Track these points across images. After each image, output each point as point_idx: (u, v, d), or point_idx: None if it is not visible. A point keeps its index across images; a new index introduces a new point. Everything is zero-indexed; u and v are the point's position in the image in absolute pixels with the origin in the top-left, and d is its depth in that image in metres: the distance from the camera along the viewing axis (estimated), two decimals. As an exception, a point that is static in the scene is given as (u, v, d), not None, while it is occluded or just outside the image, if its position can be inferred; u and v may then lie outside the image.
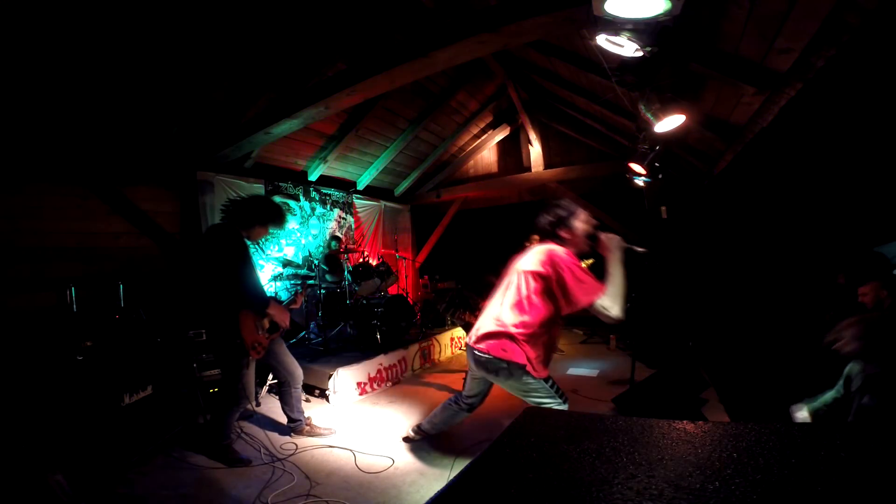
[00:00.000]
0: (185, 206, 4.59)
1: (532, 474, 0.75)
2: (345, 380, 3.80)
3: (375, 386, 4.13)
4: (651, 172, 4.14)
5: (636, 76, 2.36)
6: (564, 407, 2.17)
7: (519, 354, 2.10)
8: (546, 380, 2.17)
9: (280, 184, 5.67)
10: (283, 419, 3.06)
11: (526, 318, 2.08)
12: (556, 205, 2.22)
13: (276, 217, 2.76)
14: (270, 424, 3.25)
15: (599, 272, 2.04)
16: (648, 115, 2.84)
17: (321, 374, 3.84)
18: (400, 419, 3.37)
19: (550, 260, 2.02)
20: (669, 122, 2.86)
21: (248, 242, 2.64)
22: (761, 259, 4.38)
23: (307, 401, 3.75)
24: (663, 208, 5.29)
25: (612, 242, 2.07)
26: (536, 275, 2.06)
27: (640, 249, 2.13)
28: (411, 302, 5.75)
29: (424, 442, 2.89)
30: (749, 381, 3.50)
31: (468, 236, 7.98)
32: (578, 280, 1.95)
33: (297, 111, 3.43)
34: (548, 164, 6.88)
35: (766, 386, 3.28)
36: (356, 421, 3.38)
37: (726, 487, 0.62)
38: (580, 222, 2.15)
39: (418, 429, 2.84)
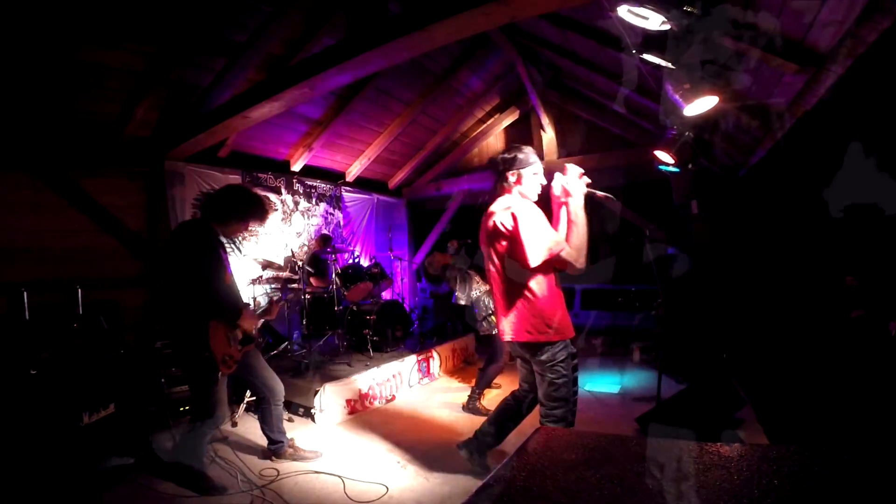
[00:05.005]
0: (152, 199, 4.60)
1: (545, 504, 0.75)
2: (332, 397, 3.81)
3: (367, 404, 4.13)
4: (680, 162, 4.14)
5: (662, 52, 2.36)
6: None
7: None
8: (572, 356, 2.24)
9: (259, 175, 5.68)
10: (263, 441, 3.07)
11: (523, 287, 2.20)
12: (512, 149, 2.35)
13: (256, 210, 2.73)
14: (248, 447, 3.26)
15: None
16: (677, 97, 2.84)
17: (306, 390, 3.85)
18: (394, 442, 3.37)
19: (502, 221, 2.17)
20: (700, 105, 2.86)
21: (224, 241, 2.63)
22: (806, 260, 4.37)
23: (290, 420, 3.76)
24: (694, 202, 5.28)
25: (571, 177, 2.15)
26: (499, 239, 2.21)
27: (600, 195, 2.19)
28: (408, 308, 5.75)
29: (421, 467, 2.89)
30: (791, 399, 3.49)
31: (471, 234, 7.98)
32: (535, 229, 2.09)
33: (278, 92, 3.42)
34: (562, 152, 6.88)
35: (810, 404, 3.27)
36: (345, 443, 3.38)
37: (765, 519, 0.62)
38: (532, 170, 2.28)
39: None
